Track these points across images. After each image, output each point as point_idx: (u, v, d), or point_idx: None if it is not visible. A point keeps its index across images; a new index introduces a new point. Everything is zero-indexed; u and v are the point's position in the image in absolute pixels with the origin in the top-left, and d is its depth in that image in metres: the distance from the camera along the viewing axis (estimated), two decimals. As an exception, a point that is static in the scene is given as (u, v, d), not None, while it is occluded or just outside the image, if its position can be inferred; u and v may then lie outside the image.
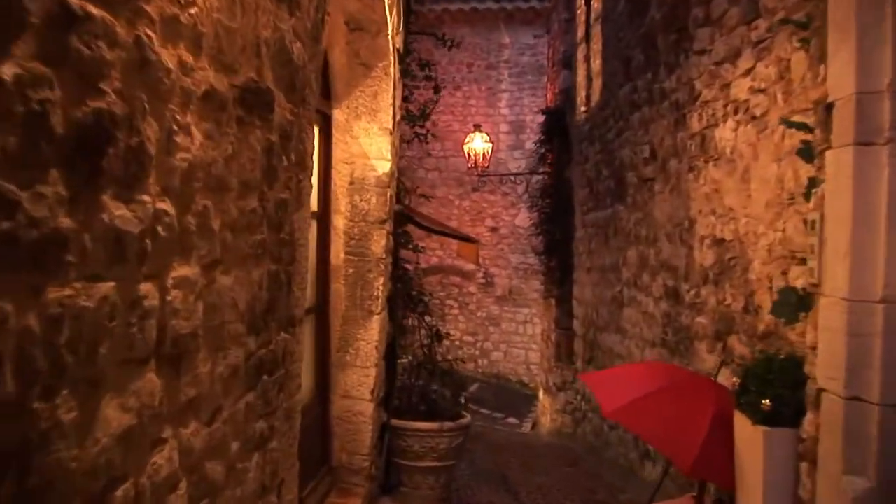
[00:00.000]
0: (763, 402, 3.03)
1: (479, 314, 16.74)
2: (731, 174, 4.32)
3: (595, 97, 8.33)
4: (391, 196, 4.75)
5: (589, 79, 8.72)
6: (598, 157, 7.97)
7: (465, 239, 11.33)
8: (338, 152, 4.56)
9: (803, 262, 3.46)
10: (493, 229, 16.95)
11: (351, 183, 4.58)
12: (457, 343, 16.25)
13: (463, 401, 6.39)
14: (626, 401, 3.41)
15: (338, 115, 4.59)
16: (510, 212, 16.85)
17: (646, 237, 6.09)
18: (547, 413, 10.76)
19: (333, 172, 4.56)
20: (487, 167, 12.69)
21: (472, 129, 12.89)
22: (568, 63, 10.08)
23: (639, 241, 6.29)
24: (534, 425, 13.30)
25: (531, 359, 16.49)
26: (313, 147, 2.86)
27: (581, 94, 9.17)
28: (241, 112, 2.01)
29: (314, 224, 4.46)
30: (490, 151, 12.64)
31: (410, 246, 6.03)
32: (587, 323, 8.37)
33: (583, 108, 9.06)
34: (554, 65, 11.41)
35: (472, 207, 16.96)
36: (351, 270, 4.58)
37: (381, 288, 4.58)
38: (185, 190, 1.66)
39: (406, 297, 5.74)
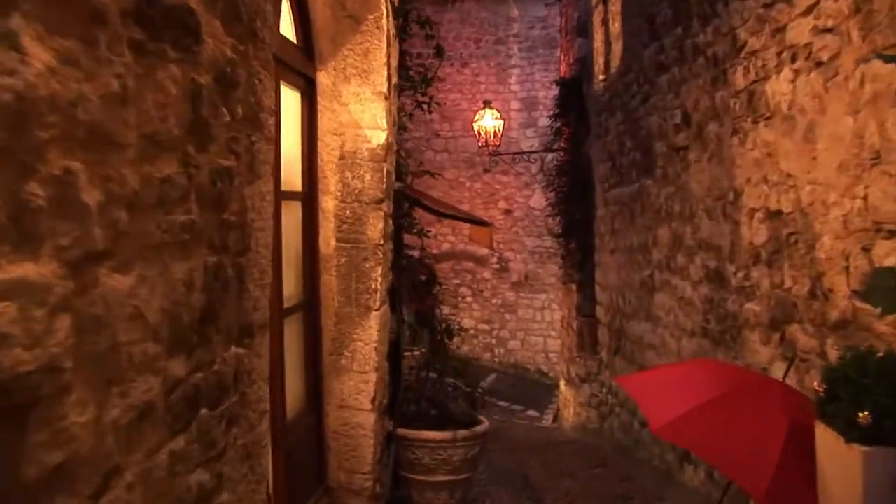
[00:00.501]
0: (860, 413, 2.38)
1: (493, 301, 16.12)
2: (788, 134, 3.65)
3: (615, 63, 7.65)
4: (388, 172, 4.12)
5: (608, 43, 8.03)
6: (621, 128, 7.30)
7: (477, 222, 10.69)
8: (324, 122, 3.93)
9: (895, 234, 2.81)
10: (507, 212, 16.30)
11: (341, 158, 3.94)
12: (472, 332, 15.65)
13: (479, 401, 5.76)
14: (678, 412, 2.76)
15: (323, 78, 3.95)
16: (524, 193, 16.19)
17: (680, 213, 5.43)
18: (570, 406, 10.13)
19: (320, 146, 3.92)
20: (499, 146, 12.02)
21: (482, 105, 12.20)
22: (583, 30, 9.38)
23: (671, 218, 5.63)
24: (555, 417, 12.69)
25: (550, 347, 15.87)
26: (272, 101, 2.22)
27: (599, 62, 8.48)
28: (139, 34, 1.39)
29: (298, 207, 3.84)
30: (501, 129, 11.97)
31: (415, 230, 5.39)
32: (612, 310, 7.72)
33: (601, 77, 8.37)
34: (567, 34, 10.71)
35: (485, 189, 16.32)
36: (343, 260, 3.95)
37: (379, 279, 3.95)
38: (14, 140, 1.04)
39: (412, 288, 5.11)
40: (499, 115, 12.07)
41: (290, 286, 3.66)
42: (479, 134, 11.97)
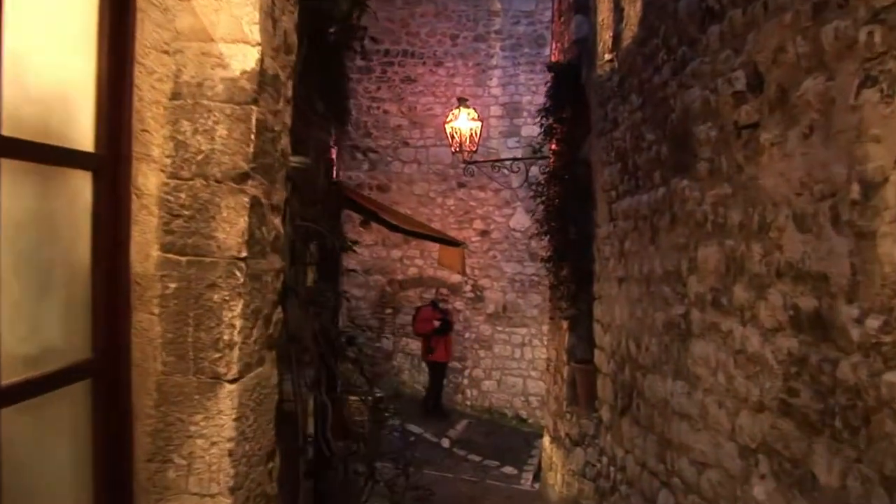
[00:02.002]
0: None
1: (466, 335, 14.35)
2: None
3: (629, 33, 5.97)
4: (265, 124, 2.34)
5: (618, 10, 6.35)
6: (636, 116, 5.62)
7: (447, 241, 8.94)
8: (147, 31, 2.16)
9: None
10: (484, 233, 14.59)
11: (174, 95, 2.18)
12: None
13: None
14: None
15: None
16: (504, 212, 14.51)
17: (740, 225, 3.72)
18: (557, 471, 8.34)
19: (136, 72, 2.15)
20: (475, 151, 10.30)
21: (456, 104, 10.49)
22: (582, 5, 7.72)
23: (723, 233, 3.92)
24: (535, 475, 10.89)
25: (530, 389, 14.14)
26: None
27: (604, 38, 6.81)
28: None
29: (85, 182, 2.06)
30: (479, 132, 10.28)
31: (337, 243, 3.64)
32: (619, 357, 5.99)
33: (607, 58, 6.69)
34: (561, 15, 9.06)
35: (459, 207, 14.62)
36: (173, 286, 2.17)
37: (237, 324, 2.18)
38: None
39: (327, 340, 3.36)
40: (476, 115, 10.37)
41: (49, 330, 1.89)
42: (452, 137, 10.26)
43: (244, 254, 2.18)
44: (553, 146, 8.27)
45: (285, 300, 2.80)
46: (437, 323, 13.20)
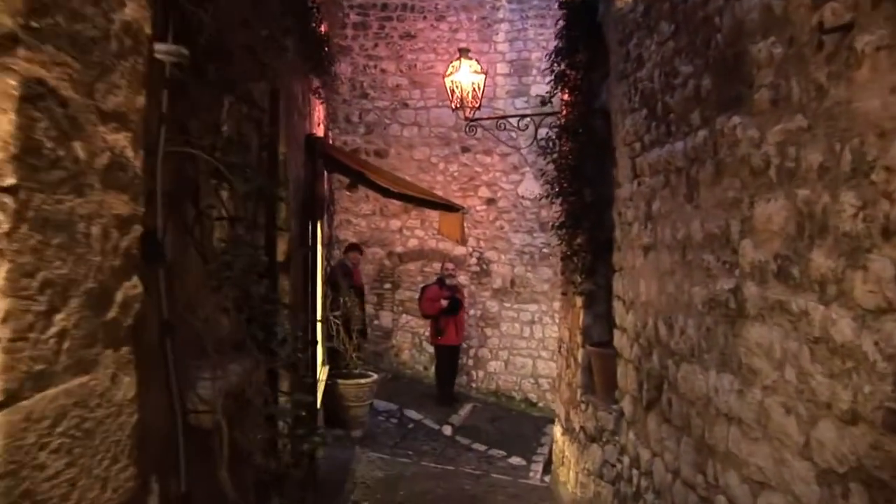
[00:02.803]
0: None
1: (471, 312, 13.44)
2: None
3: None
4: None
5: (644, -76, 5.35)
6: (667, 47, 4.66)
7: (443, 206, 7.99)
8: None
9: None
10: (490, 201, 13.63)
11: None
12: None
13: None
14: None
15: None
16: (511, 178, 13.54)
17: (820, 169, 2.79)
18: (569, 467, 7.45)
19: None
20: (478, 108, 9.31)
21: (457, 55, 9.49)
22: (599, -71, 6.70)
23: (793, 181, 2.99)
24: (545, 466, 10.02)
25: (540, 370, 13.24)
26: None
27: (626, -38, 5.80)
28: None
29: None
30: (482, 86, 9.28)
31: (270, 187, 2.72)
32: (646, 341, 5.07)
33: (630, -15, 5.70)
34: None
35: (463, 173, 13.65)
36: None
37: None
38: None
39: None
40: (479, 67, 9.37)
41: None
42: (452, 93, 9.28)
43: (10, 180, 1.27)
44: (565, 96, 7.29)
45: (165, 268, 1.87)
46: (444, 302, 12.22)
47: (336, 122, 13.72)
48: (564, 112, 7.33)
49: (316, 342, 6.84)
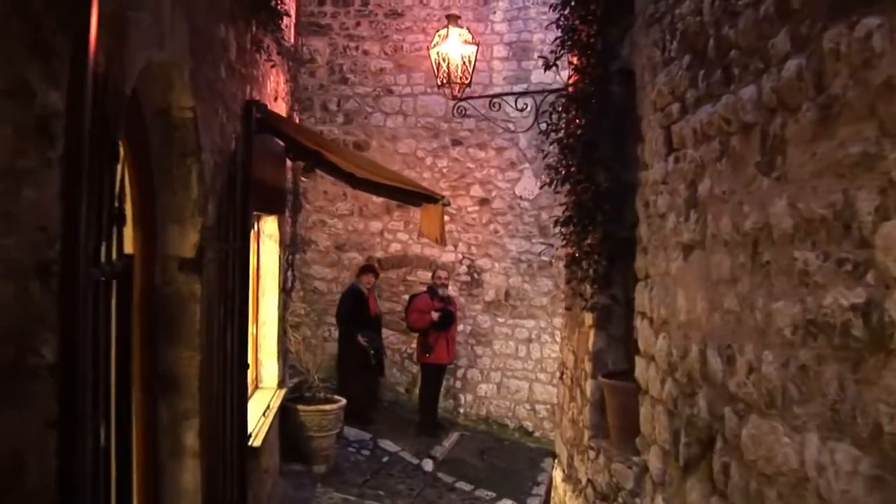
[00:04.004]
0: None
1: (460, 328, 12.05)
2: None
3: None
4: None
5: None
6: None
7: (419, 196, 6.62)
8: None
9: None
10: (483, 201, 12.27)
11: None
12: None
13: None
14: None
15: None
16: (508, 175, 12.18)
17: None
18: (572, 526, 6.05)
19: None
20: (468, 85, 7.96)
21: (445, 22, 8.14)
22: None
23: None
24: (542, 510, 8.65)
25: (537, 394, 11.90)
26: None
27: None
28: None
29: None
30: (473, 59, 7.95)
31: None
32: (685, 375, 3.73)
33: None
34: None
35: (453, 169, 12.31)
36: None
37: None
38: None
39: None
40: (471, 38, 8.03)
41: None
42: (439, 67, 7.94)
43: None
44: (574, 59, 5.92)
45: None
46: (435, 315, 10.89)
47: (311, 111, 12.40)
48: (573, 79, 5.98)
49: (246, 365, 5.46)
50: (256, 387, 7.89)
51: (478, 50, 8.08)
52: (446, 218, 11.58)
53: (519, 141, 11.91)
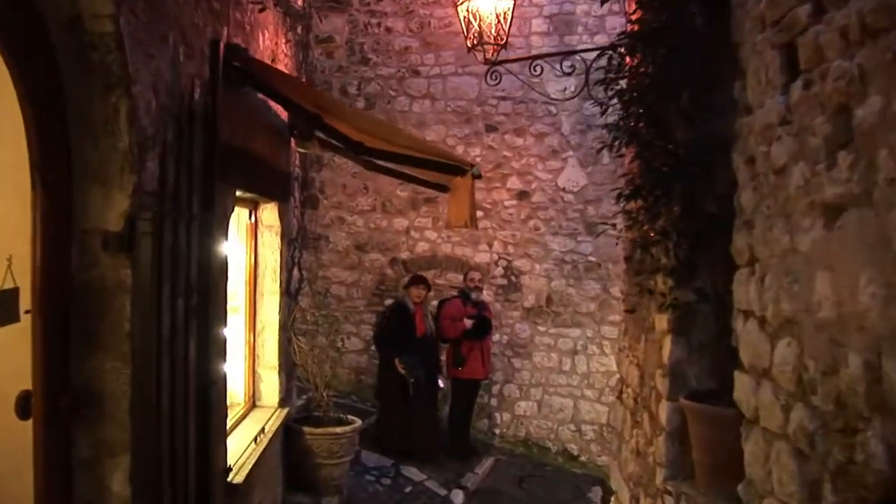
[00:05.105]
0: None
1: (496, 338, 10.86)
2: None
3: None
4: None
5: None
6: None
7: (444, 167, 5.45)
8: None
9: None
10: (522, 195, 11.09)
11: None
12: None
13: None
14: None
15: None
16: (549, 164, 10.97)
17: None
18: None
19: None
20: (504, 46, 6.82)
21: (475, -26, 7.00)
22: None
23: None
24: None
25: (583, 413, 10.69)
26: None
27: None
28: None
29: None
30: (510, 16, 6.80)
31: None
32: (832, 399, 2.53)
33: None
34: None
35: (487, 158, 11.15)
36: None
37: None
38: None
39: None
40: (506, -9, 6.88)
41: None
42: (469, 25, 6.81)
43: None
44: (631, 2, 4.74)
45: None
46: (469, 323, 9.69)
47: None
48: (636, 14, 4.77)
49: (213, 381, 4.31)
50: (253, 405, 6.78)
51: (515, 4, 6.91)
52: (479, 213, 10.52)
53: (562, 125, 10.72)
